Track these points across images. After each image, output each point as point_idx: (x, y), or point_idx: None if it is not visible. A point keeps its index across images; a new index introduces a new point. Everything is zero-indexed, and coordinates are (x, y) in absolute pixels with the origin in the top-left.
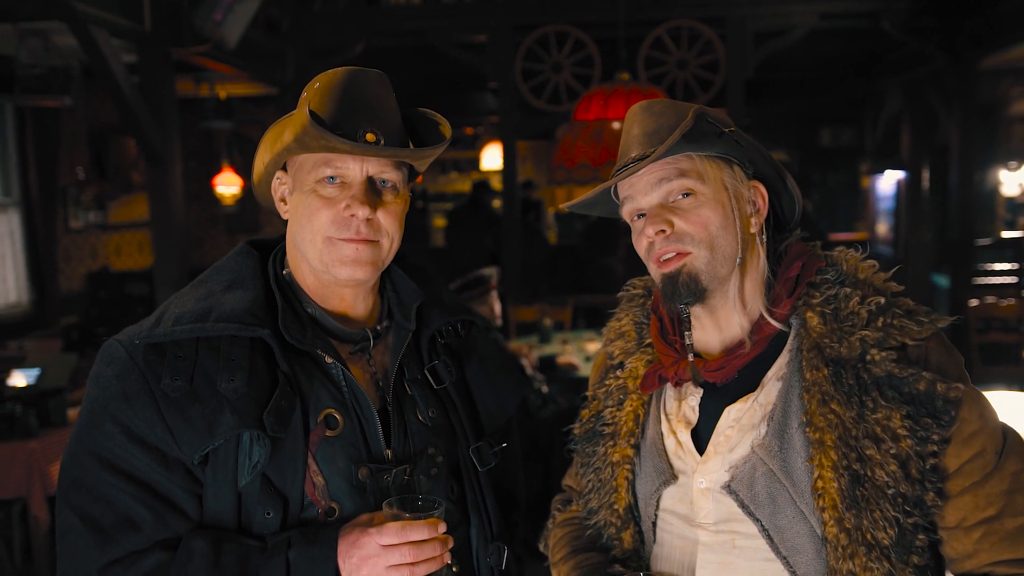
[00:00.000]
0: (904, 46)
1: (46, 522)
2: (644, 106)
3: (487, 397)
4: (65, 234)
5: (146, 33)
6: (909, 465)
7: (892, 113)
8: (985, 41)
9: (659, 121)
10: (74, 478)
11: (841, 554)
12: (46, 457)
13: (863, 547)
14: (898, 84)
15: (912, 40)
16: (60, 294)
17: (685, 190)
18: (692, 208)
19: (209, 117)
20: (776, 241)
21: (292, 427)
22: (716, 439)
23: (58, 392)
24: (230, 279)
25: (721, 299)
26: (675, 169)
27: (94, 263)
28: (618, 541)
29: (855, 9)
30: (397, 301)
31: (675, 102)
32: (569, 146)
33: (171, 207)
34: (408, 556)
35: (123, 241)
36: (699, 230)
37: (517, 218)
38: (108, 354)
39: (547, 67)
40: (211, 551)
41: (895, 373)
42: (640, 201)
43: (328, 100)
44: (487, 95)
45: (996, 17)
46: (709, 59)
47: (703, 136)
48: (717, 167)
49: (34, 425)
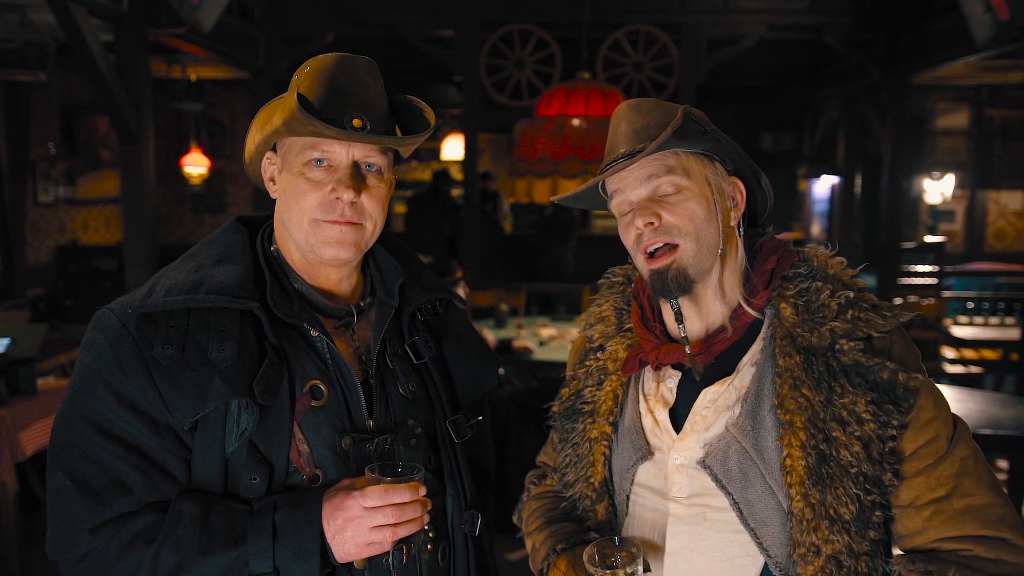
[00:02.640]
0: (844, 59)
1: (14, 488)
2: (632, 104)
3: (464, 373)
4: (34, 207)
5: (124, 13)
6: (871, 447)
7: (829, 122)
8: (919, 58)
9: (647, 119)
10: (66, 441)
11: (806, 527)
12: (16, 425)
13: (826, 521)
14: (836, 95)
15: (852, 54)
16: (28, 266)
17: (672, 185)
18: (679, 202)
19: (179, 98)
20: (751, 236)
21: (279, 396)
22: (693, 418)
23: (28, 361)
24: (220, 253)
25: (703, 288)
26: (662, 165)
27: (62, 237)
28: (592, 513)
29: (801, 22)
30: (380, 279)
31: (661, 101)
32: (530, 140)
33: (142, 185)
34: (391, 517)
35: (90, 216)
36: (686, 222)
37: (475, 207)
38: (101, 322)
39: (511, 64)
40: (199, 513)
41: (862, 362)
42: (629, 195)
43: (317, 85)
44: (451, 88)
45: (930, 36)
46: (664, 63)
47: (689, 134)
48: (701, 163)
49: (4, 393)
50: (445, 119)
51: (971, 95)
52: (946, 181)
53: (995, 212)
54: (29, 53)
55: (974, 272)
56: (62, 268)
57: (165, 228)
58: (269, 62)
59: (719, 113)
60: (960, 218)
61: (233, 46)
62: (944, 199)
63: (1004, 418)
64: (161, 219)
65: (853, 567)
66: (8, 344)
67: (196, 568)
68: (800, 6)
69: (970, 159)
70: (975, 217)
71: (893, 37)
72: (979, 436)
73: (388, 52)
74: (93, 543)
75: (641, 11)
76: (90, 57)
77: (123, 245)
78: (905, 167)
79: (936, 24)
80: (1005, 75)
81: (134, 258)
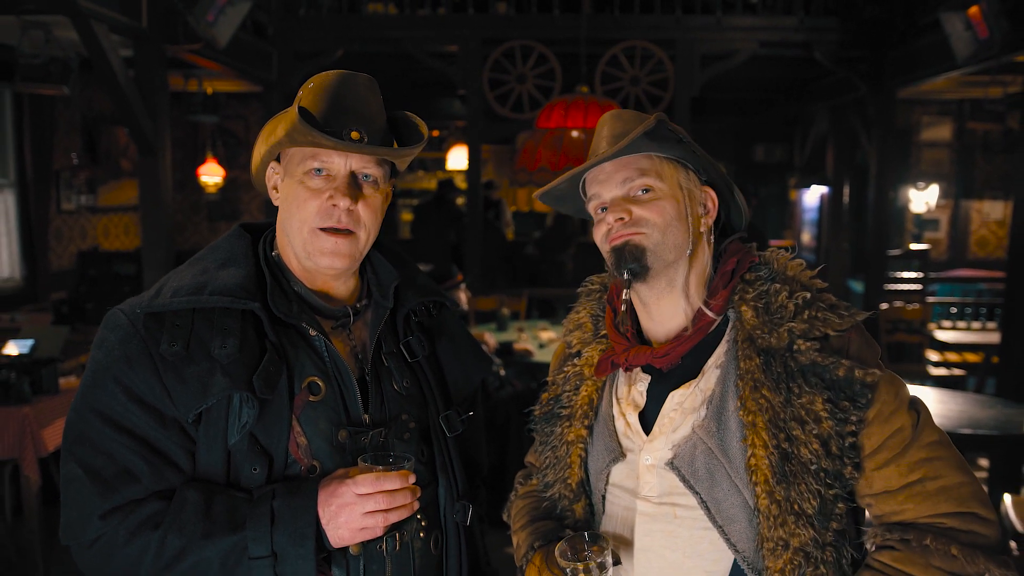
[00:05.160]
0: (832, 74)
1: (36, 482)
2: (614, 114)
3: (455, 370)
4: (57, 215)
5: (143, 30)
6: (830, 443)
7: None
8: (903, 73)
9: (626, 126)
10: (79, 433)
11: (773, 523)
12: (38, 422)
13: (791, 516)
14: (825, 108)
15: (840, 69)
16: (51, 271)
17: (645, 186)
18: (650, 200)
19: (196, 111)
20: (719, 243)
21: (279, 391)
22: (661, 421)
23: (51, 362)
24: (224, 257)
25: (668, 286)
26: (636, 169)
27: (83, 243)
28: (571, 512)
29: (791, 39)
30: (376, 282)
31: (641, 113)
32: (531, 151)
33: (160, 193)
34: (382, 503)
35: (111, 223)
36: (655, 217)
37: (479, 215)
38: (112, 321)
39: (512, 78)
40: (203, 501)
41: (818, 361)
42: (604, 196)
43: (319, 99)
44: (455, 101)
45: (914, 53)
46: (660, 77)
47: (663, 139)
48: (674, 168)
49: (27, 392)
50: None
51: (954, 109)
52: (930, 191)
53: (977, 221)
54: (53, 68)
55: (957, 278)
56: (84, 273)
57: (181, 235)
58: (281, 76)
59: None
60: (944, 227)
61: (247, 61)
62: (929, 208)
63: (984, 418)
64: (177, 226)
65: (820, 557)
66: (32, 345)
67: (199, 551)
68: (790, 24)
69: (953, 170)
70: (959, 226)
71: (879, 54)
72: (961, 435)
73: (395, 67)
74: (103, 528)
75: (637, 28)
76: (111, 72)
77: (141, 251)
78: (891, 178)
79: (919, 41)
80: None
81: (151, 263)
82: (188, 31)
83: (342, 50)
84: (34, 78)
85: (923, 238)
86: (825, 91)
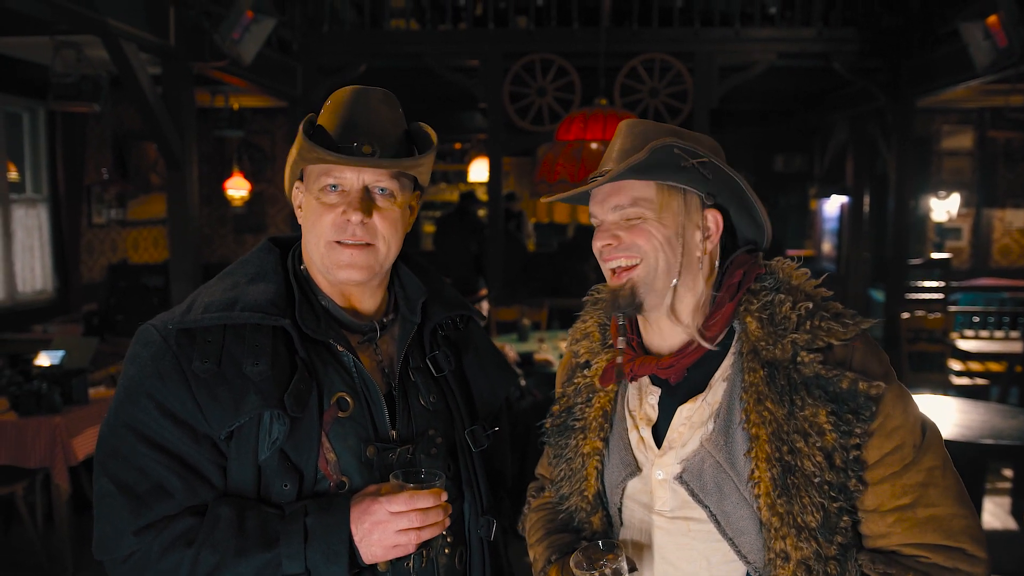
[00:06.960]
0: (851, 84)
1: (67, 491)
2: (629, 124)
3: (481, 385)
4: (88, 228)
5: (171, 48)
6: (834, 456)
7: (838, 144)
8: (922, 82)
9: (635, 142)
10: (112, 448)
11: (775, 535)
12: (69, 431)
13: (794, 529)
14: (845, 118)
15: (858, 79)
16: (82, 283)
17: (636, 216)
18: (639, 226)
19: (222, 126)
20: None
21: (308, 408)
22: (671, 435)
23: (81, 372)
24: (254, 272)
25: (655, 314)
26: (629, 197)
27: (114, 256)
28: (588, 524)
29: (809, 50)
30: (404, 296)
31: (658, 125)
32: (551, 163)
33: (187, 207)
34: (416, 521)
35: (140, 236)
36: (643, 242)
37: (500, 227)
38: (144, 337)
39: (532, 91)
40: (235, 517)
41: (821, 374)
42: (599, 216)
43: (332, 116)
44: (476, 114)
45: (932, 62)
46: (678, 89)
47: (659, 167)
48: (670, 196)
49: (58, 402)
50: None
51: (974, 117)
52: (952, 200)
53: (1000, 229)
54: (84, 86)
55: (980, 287)
56: (114, 285)
57: (208, 247)
58: (306, 91)
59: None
60: (966, 235)
61: (272, 77)
62: (950, 217)
63: (1008, 428)
64: (205, 239)
65: (822, 571)
66: (63, 356)
67: (233, 568)
68: (808, 35)
69: (975, 179)
70: (981, 234)
71: (897, 63)
72: (983, 446)
73: (417, 81)
74: (136, 544)
75: (656, 41)
76: (139, 89)
77: (169, 263)
78: (911, 186)
79: (938, 50)
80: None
81: (179, 275)
82: (214, 49)
83: (364, 65)
84: (66, 96)
85: (945, 247)
86: (844, 101)
